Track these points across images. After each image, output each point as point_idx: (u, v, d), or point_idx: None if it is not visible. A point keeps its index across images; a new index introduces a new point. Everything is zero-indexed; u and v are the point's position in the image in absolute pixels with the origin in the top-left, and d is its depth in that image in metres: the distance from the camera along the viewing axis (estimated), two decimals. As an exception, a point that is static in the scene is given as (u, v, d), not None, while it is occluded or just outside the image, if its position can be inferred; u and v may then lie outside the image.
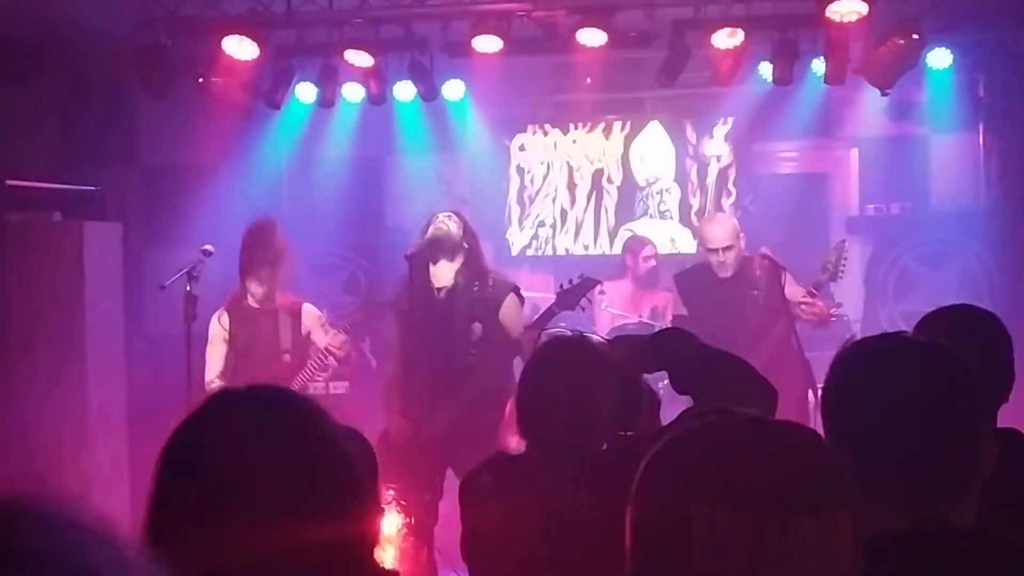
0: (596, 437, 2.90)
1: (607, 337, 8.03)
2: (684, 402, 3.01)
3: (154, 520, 1.47)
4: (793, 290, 6.39)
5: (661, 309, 8.17)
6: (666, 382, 7.74)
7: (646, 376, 3.09)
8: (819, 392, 2.06)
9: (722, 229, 6.55)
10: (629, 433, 2.94)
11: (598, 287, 8.00)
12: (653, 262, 8.49)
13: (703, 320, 6.06)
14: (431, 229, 5.56)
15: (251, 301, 6.23)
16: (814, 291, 6.33)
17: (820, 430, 1.67)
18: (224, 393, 1.62)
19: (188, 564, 1.42)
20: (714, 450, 1.24)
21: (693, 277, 6.73)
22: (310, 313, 6.30)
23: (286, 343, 6.17)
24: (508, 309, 5.51)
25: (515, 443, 3.01)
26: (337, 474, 1.52)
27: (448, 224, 5.56)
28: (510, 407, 3.07)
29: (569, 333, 4.25)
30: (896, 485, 1.72)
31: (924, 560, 1.66)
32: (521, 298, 5.65)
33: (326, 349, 6.08)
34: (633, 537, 1.26)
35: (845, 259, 6.43)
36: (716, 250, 6.44)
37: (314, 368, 6.11)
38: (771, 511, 1.17)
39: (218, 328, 6.20)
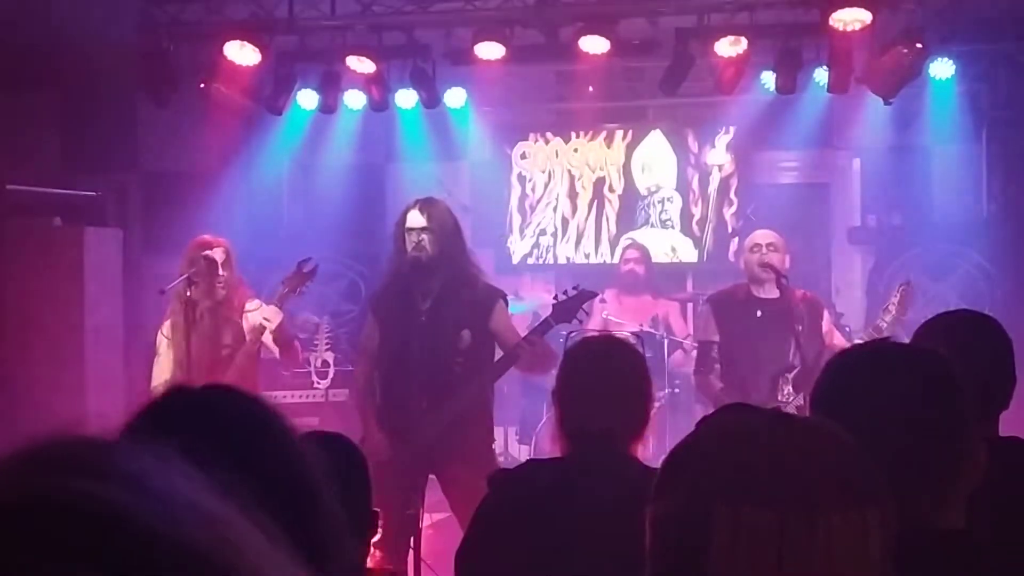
0: (639, 438, 2.85)
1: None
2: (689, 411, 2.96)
3: None
4: (830, 330, 6.10)
5: (662, 318, 8.13)
6: (666, 391, 7.58)
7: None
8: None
9: (772, 232, 6.20)
10: None
11: (597, 298, 8.02)
12: (632, 266, 8.31)
13: (740, 344, 5.85)
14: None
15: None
16: (874, 334, 5.74)
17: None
18: (173, 392, 1.58)
19: None
20: (735, 447, 1.21)
21: (729, 297, 6.19)
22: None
23: (227, 339, 6.00)
24: (499, 317, 5.25)
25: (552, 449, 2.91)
26: (285, 482, 1.47)
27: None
28: (552, 413, 2.94)
29: (598, 333, 4.14)
30: None
31: (906, 561, 1.64)
32: (508, 305, 5.41)
33: (260, 325, 5.84)
34: (652, 537, 1.23)
35: (907, 304, 5.88)
36: (759, 246, 6.01)
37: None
38: (797, 507, 1.14)
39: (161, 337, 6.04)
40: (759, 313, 5.96)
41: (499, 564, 2.75)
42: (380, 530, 2.46)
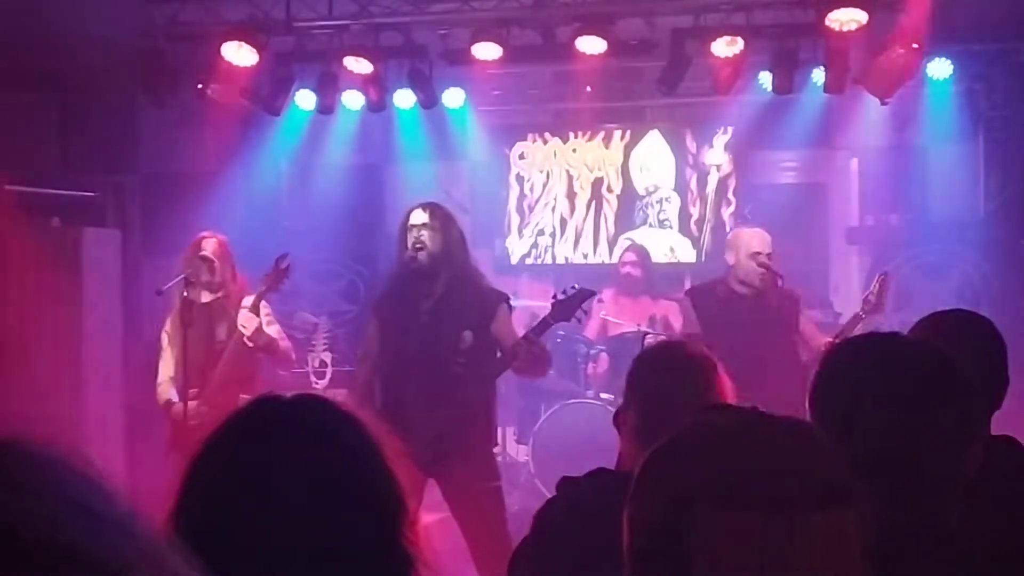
0: None
1: (604, 347, 8.04)
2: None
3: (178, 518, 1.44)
4: (807, 324, 6.15)
5: (660, 318, 8.14)
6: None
7: None
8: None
9: (766, 235, 6.21)
10: None
11: (595, 298, 8.01)
12: (629, 269, 8.35)
13: (719, 338, 5.86)
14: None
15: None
16: (854, 322, 5.91)
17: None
18: (265, 400, 1.60)
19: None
20: (715, 449, 1.22)
21: (709, 293, 6.27)
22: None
23: (221, 334, 5.98)
24: (501, 320, 5.18)
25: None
26: (371, 488, 1.49)
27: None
28: (627, 421, 2.84)
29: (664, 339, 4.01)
30: (877, 481, 1.70)
31: (901, 559, 1.64)
32: (511, 309, 5.34)
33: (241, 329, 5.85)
34: (631, 538, 1.24)
35: (886, 293, 6.01)
36: (760, 254, 6.04)
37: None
38: (776, 506, 1.15)
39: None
40: (740, 309, 6.00)
41: (557, 570, 2.68)
42: None
